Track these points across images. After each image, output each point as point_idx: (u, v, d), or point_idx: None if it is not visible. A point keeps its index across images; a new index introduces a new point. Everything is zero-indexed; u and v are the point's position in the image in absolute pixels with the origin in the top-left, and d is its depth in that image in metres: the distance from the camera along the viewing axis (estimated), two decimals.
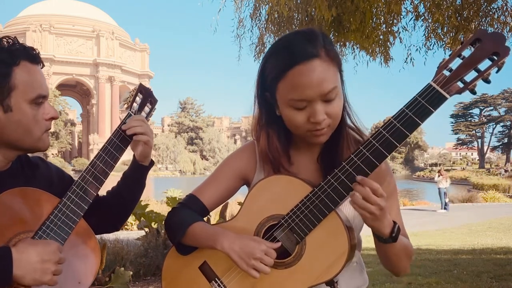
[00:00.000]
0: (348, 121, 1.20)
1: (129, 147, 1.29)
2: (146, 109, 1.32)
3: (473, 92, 1.00)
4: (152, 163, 1.33)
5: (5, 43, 1.13)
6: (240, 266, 1.09)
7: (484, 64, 0.98)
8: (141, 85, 1.33)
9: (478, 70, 0.98)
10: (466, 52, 1.00)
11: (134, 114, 1.28)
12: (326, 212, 1.08)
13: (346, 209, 1.18)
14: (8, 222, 1.10)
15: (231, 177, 1.29)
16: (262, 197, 1.16)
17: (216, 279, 1.18)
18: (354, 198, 1.03)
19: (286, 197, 1.12)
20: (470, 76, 0.99)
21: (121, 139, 1.24)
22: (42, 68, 1.20)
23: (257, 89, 1.19)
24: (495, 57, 0.97)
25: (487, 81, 0.98)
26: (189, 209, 1.26)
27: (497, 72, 0.99)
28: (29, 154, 1.32)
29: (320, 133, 1.11)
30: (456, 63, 1.00)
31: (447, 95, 0.99)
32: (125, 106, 1.29)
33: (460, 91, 1.00)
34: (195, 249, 1.22)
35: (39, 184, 1.22)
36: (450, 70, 1.00)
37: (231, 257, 1.10)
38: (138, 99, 1.30)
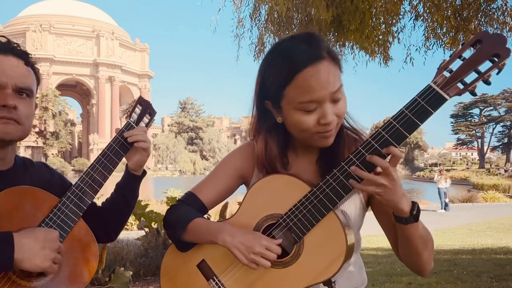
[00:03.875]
0: (345, 123, 1.20)
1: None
2: (145, 119, 1.37)
3: (473, 93, 1.00)
4: (144, 173, 1.37)
5: None
6: (240, 260, 1.09)
7: (484, 66, 0.97)
8: (140, 97, 1.39)
9: (478, 72, 0.98)
10: (467, 53, 0.99)
11: (134, 123, 1.33)
12: (325, 212, 1.08)
13: (345, 209, 1.18)
14: (10, 217, 1.14)
15: (230, 176, 1.29)
16: (261, 196, 1.16)
17: (214, 277, 1.18)
18: (354, 183, 1.03)
19: (285, 196, 1.13)
20: (471, 77, 0.98)
21: (121, 145, 1.29)
22: (19, 59, 1.20)
23: (256, 98, 1.19)
24: (495, 59, 0.96)
25: (487, 82, 0.98)
26: (188, 206, 1.26)
27: (497, 73, 0.98)
28: (34, 159, 1.36)
29: (328, 134, 1.11)
30: (456, 64, 0.99)
31: (447, 97, 0.98)
32: (125, 115, 1.34)
33: (460, 93, 0.99)
34: (194, 246, 1.22)
35: (40, 188, 1.24)
36: (451, 71, 0.99)
37: (231, 251, 1.10)
38: (137, 109, 1.35)
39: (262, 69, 1.15)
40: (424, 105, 0.99)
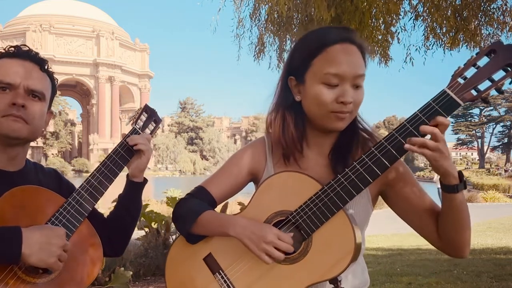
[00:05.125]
0: (359, 125, 1.24)
1: None
2: (150, 127, 1.42)
3: (485, 101, 1.03)
4: (145, 181, 1.39)
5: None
6: (252, 250, 1.09)
7: (498, 74, 1.01)
8: (146, 106, 1.43)
9: (492, 80, 1.01)
10: (481, 62, 1.03)
11: (139, 129, 1.37)
12: (334, 210, 1.09)
13: (352, 208, 1.19)
14: (18, 215, 1.16)
15: (240, 171, 1.30)
16: (271, 192, 1.17)
17: (220, 271, 1.19)
18: (411, 147, 1.02)
19: (295, 193, 1.14)
20: (484, 85, 1.02)
21: (126, 150, 1.33)
22: (32, 63, 1.27)
23: (282, 74, 1.25)
24: (509, 68, 1.00)
25: (499, 90, 1.01)
26: (198, 199, 1.27)
27: (510, 83, 1.02)
28: (33, 159, 1.39)
29: (343, 115, 1.14)
30: (470, 72, 1.03)
31: (460, 102, 1.02)
32: (131, 122, 1.39)
33: (473, 99, 1.02)
34: (204, 238, 1.23)
35: None
36: (465, 78, 1.03)
37: (243, 241, 1.11)
38: (143, 117, 1.40)
39: (294, 46, 1.23)
40: (438, 109, 1.02)
